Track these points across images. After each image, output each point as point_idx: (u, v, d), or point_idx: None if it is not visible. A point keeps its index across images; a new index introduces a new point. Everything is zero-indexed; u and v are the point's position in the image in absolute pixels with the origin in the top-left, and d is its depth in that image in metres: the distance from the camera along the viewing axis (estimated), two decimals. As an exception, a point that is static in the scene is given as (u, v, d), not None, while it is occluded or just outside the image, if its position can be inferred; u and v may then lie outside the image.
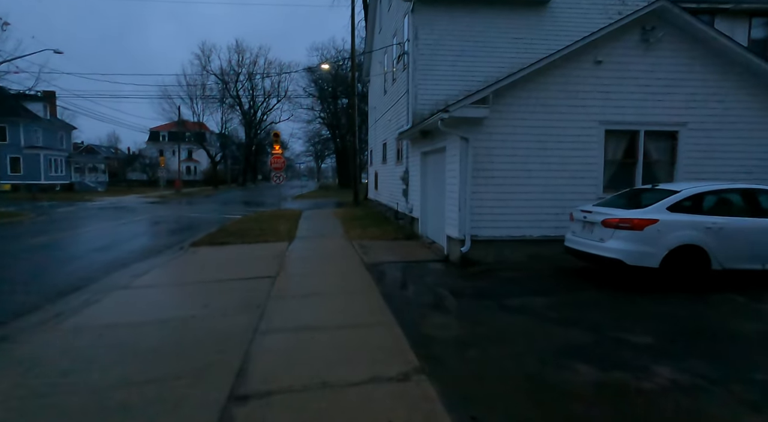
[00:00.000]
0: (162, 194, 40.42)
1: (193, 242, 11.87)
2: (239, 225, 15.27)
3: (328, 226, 15.34)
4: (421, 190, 11.78)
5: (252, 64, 67.62)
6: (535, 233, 8.48)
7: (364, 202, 26.73)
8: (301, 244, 11.39)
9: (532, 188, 8.44)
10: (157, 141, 79.12)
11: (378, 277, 7.56)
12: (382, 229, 13.63)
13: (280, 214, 19.40)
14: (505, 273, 7.79)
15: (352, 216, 18.00)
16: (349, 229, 14.01)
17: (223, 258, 9.73)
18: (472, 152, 8.15)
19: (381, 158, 19.17)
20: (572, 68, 8.38)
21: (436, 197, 10.66)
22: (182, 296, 6.75)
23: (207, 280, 7.68)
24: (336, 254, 9.93)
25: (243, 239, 12.12)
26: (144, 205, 28.78)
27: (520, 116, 8.36)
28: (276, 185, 22.64)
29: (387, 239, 11.89)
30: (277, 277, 7.70)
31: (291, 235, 12.92)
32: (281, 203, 28.24)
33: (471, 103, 7.87)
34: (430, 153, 11.02)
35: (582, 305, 5.90)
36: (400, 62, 13.75)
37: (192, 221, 18.76)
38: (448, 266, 8.44)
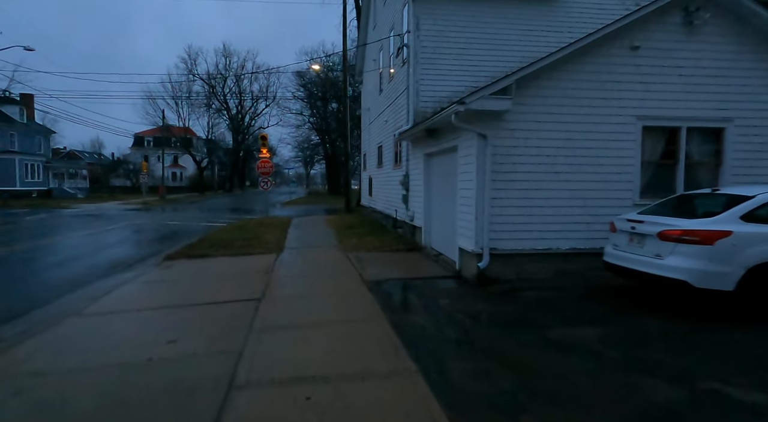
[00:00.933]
0: (144, 200, 38.72)
1: (168, 255, 10.53)
2: (223, 234, 13.93)
3: (320, 235, 14.07)
4: (424, 196, 10.59)
5: (240, 68, 66.24)
6: (562, 245, 7.33)
7: (356, 209, 25.48)
8: (290, 257, 10.10)
9: (560, 194, 7.29)
10: (142, 146, 77.15)
11: (383, 300, 6.32)
12: (379, 239, 12.40)
13: (268, 222, 18.08)
14: (533, 294, 6.60)
15: (346, 224, 16.75)
16: (344, 238, 12.76)
17: (200, 275, 8.42)
18: (490, 152, 6.99)
19: (376, 161, 17.97)
20: (605, 55, 7.28)
21: (443, 204, 9.48)
22: (144, 327, 5.44)
23: (178, 304, 6.38)
24: (331, 269, 8.67)
25: (226, 250, 10.80)
26: (123, 212, 27.20)
27: (545, 110, 7.22)
28: (264, 191, 21.32)
29: (386, 251, 10.66)
30: (263, 300, 6.43)
31: (279, 245, 11.63)
32: (269, 210, 26.86)
33: (490, 94, 6.72)
34: (436, 154, 9.85)
35: (646, 340, 4.72)
36: (399, 56, 12.61)
37: (172, 230, 17.35)
38: (462, 285, 7.24)
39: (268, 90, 64.11)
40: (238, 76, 64.47)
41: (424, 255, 10.04)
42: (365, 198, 21.89)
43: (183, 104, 59.85)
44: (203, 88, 62.48)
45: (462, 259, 7.80)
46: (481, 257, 7.10)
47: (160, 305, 6.32)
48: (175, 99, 59.13)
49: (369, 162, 20.11)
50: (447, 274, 8.03)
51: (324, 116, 53.06)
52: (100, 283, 8.09)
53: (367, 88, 20.65)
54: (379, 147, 17.13)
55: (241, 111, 67.57)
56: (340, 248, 11.19)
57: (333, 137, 53.34)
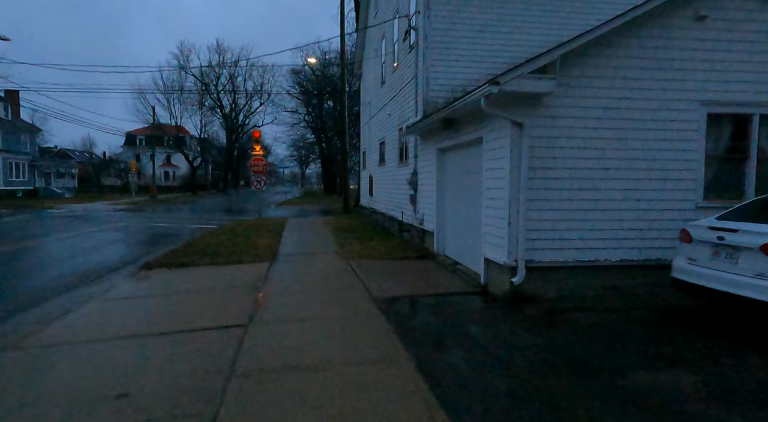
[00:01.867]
0: (134, 201, 37.29)
1: (146, 263, 9.24)
2: (211, 239, 12.64)
3: (317, 239, 12.80)
4: (437, 196, 9.35)
5: (234, 65, 64.72)
6: (612, 256, 6.10)
7: (355, 209, 24.21)
8: (284, 266, 8.83)
9: (609, 194, 6.07)
10: (134, 145, 75.51)
11: (400, 326, 5.08)
12: (384, 244, 11.15)
13: (261, 224, 16.79)
14: (582, 317, 5.37)
15: (345, 227, 15.49)
16: (344, 243, 11.51)
17: (179, 290, 7.14)
18: (527, 144, 5.75)
19: (377, 159, 16.72)
20: (663, 27, 6.06)
21: (461, 206, 8.25)
22: (92, 369, 4.16)
23: (144, 332, 5.10)
24: (332, 283, 7.41)
25: (212, 258, 9.52)
26: (109, 213, 25.80)
27: (592, 93, 5.99)
28: (257, 190, 20.03)
29: (393, 258, 9.41)
30: (250, 326, 5.17)
31: (273, 252, 10.36)
32: (263, 211, 25.52)
33: (530, 73, 5.48)
34: (452, 149, 8.61)
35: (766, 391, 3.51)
36: (406, 41, 11.36)
37: (157, 233, 16.02)
38: (492, 304, 6.00)
39: (262, 87, 62.68)
40: (232, 74, 63.05)
41: (437, 264, 8.80)
42: (365, 198, 20.63)
43: (175, 102, 58.29)
44: (196, 85, 60.96)
45: (489, 272, 6.56)
46: (515, 270, 5.86)
47: (122, 334, 5.04)
48: (166, 96, 57.59)
49: (369, 160, 18.85)
50: (470, 289, 6.79)
51: (320, 114, 51.73)
52: (60, 300, 6.81)
53: (367, 81, 19.40)
54: (381, 143, 15.88)
55: (235, 109, 66.10)
56: (341, 255, 9.93)
57: (329, 136, 52.01)
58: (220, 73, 62.62)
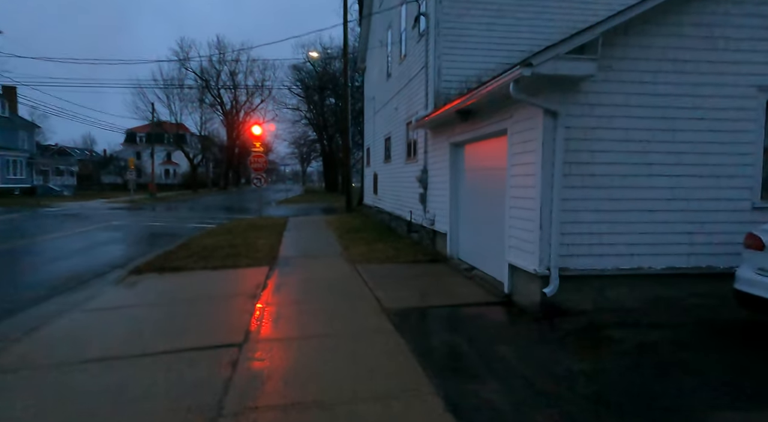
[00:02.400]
0: (132, 199, 36.61)
1: (136, 268, 8.54)
2: (208, 239, 11.94)
3: (320, 240, 12.08)
4: (450, 195, 8.62)
5: (234, 61, 63.92)
6: (656, 263, 5.37)
7: (358, 208, 23.49)
8: (285, 271, 8.10)
9: (653, 193, 5.33)
10: (134, 143, 74.86)
11: (418, 347, 4.35)
12: (392, 246, 10.43)
13: (261, 223, 16.08)
14: (629, 336, 4.64)
15: (349, 226, 14.77)
16: (349, 245, 10.79)
17: (167, 299, 6.43)
18: (562, 135, 5.02)
19: (383, 156, 15.98)
20: (719, 1, 5.32)
21: (478, 206, 7.52)
22: (49, 405, 3.45)
23: (121, 353, 4.38)
24: (338, 291, 6.69)
25: (207, 261, 8.82)
26: (106, 212, 25.12)
27: (636, 78, 5.25)
28: (257, 188, 19.34)
29: (403, 262, 8.70)
30: (245, 346, 4.45)
31: (273, 254, 9.65)
32: (264, 209, 24.80)
33: (567, 53, 4.74)
34: (468, 143, 7.88)
35: None
36: (415, 29, 10.61)
37: (153, 233, 15.33)
38: (521, 318, 5.28)
39: (263, 84, 61.87)
40: (232, 70, 62.27)
41: (451, 269, 8.08)
42: (369, 197, 19.90)
43: (174, 98, 57.55)
44: (196, 82, 60.17)
45: (515, 280, 5.84)
46: (547, 280, 5.14)
47: (96, 356, 4.32)
48: (166, 92, 56.86)
49: (374, 157, 18.12)
50: (492, 299, 6.06)
51: (321, 111, 50.93)
52: (34, 311, 6.11)
53: (372, 75, 18.65)
54: (387, 139, 15.14)
55: (236, 106, 65.33)
56: (346, 258, 9.21)
57: (331, 133, 51.24)
58: (220, 69, 61.89)
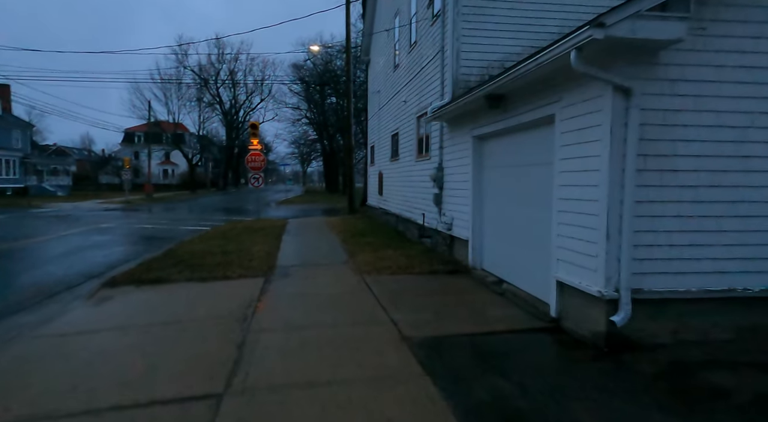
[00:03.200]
0: (128, 199, 35.50)
1: (111, 279, 7.44)
2: (199, 244, 10.84)
3: (322, 245, 10.97)
4: (472, 195, 7.52)
5: (233, 60, 62.83)
6: (754, 283, 4.25)
7: (361, 209, 22.38)
8: (283, 285, 6.99)
9: (751, 193, 4.21)
10: (132, 143, 73.82)
11: (461, 405, 3.24)
12: (402, 252, 9.31)
13: (258, 225, 14.96)
14: (731, 381, 3.52)
15: (353, 229, 13.65)
16: (355, 252, 9.67)
17: (138, 321, 5.30)
18: (637, 119, 3.90)
19: (389, 154, 14.87)
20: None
21: (511, 208, 6.41)
22: None
23: (52, 411, 3.27)
24: (346, 312, 5.57)
25: (193, 272, 7.72)
26: (98, 213, 24.02)
27: (732, 46, 4.12)
28: (255, 188, 18.22)
29: (419, 273, 7.59)
30: (225, 399, 3.34)
31: (269, 262, 8.55)
32: (262, 211, 23.71)
33: (648, 10, 3.63)
34: (497, 135, 6.77)
35: None
36: (429, 10, 9.51)
37: (142, 236, 14.22)
38: (581, 353, 4.16)
39: (263, 83, 60.80)
40: (231, 69, 61.18)
41: (476, 282, 6.97)
42: (373, 197, 18.79)
43: (172, 97, 56.50)
44: (194, 80, 59.07)
45: (566, 301, 4.73)
46: (615, 304, 4.03)
47: (25, 413, 3.22)
48: (164, 91, 55.83)
49: (379, 155, 17.00)
50: (536, 324, 4.95)
51: (322, 110, 49.82)
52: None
53: (376, 68, 17.55)
54: (394, 135, 14.03)
55: (235, 105, 64.22)
56: (352, 268, 8.10)
57: (331, 132, 50.12)
58: (219, 68, 60.81)
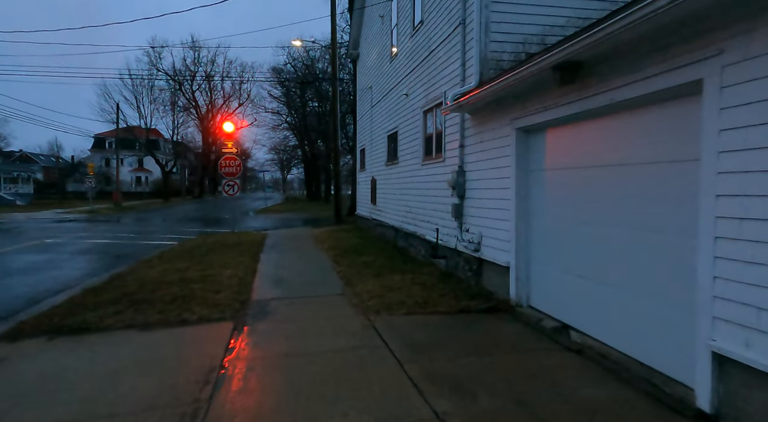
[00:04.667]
0: (92, 208, 32.72)
1: (18, 326, 5.31)
2: (157, 267, 8.72)
3: (310, 267, 8.93)
4: (516, 207, 5.65)
5: (210, 63, 60.29)
6: None
7: (349, 219, 20.38)
8: (261, 334, 4.94)
9: None
10: (103, 149, 70.38)
11: None
12: (413, 278, 7.37)
13: (233, 240, 12.82)
14: None
15: (345, 244, 11.65)
16: (353, 276, 7.70)
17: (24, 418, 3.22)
18: None
19: (384, 157, 12.95)
20: None
21: (584, 227, 4.53)
22: None
23: None
24: (358, 393, 3.58)
25: (137, 312, 5.64)
26: (52, 224, 21.42)
27: None
28: (229, 197, 16.08)
29: (445, 312, 5.66)
30: None
31: (242, 294, 6.52)
32: (239, 222, 21.45)
33: None
34: (561, 125, 4.91)
35: None
36: (445, -24, 7.68)
37: (92, 254, 11.94)
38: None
39: (241, 87, 58.38)
40: (208, 72, 58.56)
41: (529, 328, 5.07)
42: (364, 206, 16.81)
43: (144, 100, 53.67)
44: (168, 83, 56.28)
45: (730, 386, 2.85)
46: None
47: None
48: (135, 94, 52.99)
49: (371, 159, 15.06)
50: (665, 413, 3.07)
51: (303, 114, 47.69)
52: None
53: (367, 61, 15.67)
54: (391, 136, 12.14)
55: (212, 110, 61.50)
56: (352, 303, 6.12)
57: (313, 138, 47.97)
58: (195, 70, 58.15)
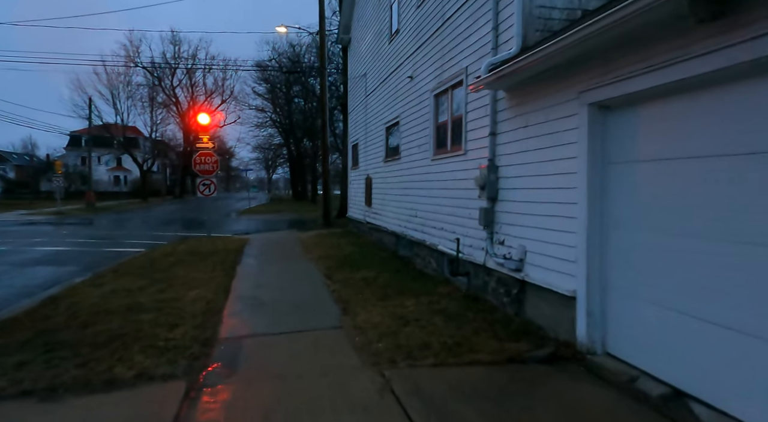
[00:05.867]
0: (60, 210, 30.44)
1: None
2: (104, 286, 6.96)
3: (297, 287, 7.22)
4: (587, 214, 4.04)
5: (192, 58, 57.81)
6: None
7: (339, 221, 18.69)
8: (225, 404, 3.24)
9: None
10: (79, 147, 67.29)
11: None
12: (429, 302, 5.72)
13: (207, 248, 11.02)
14: None
15: (338, 254, 9.95)
16: (352, 298, 6.02)
17: None
18: None
19: (382, 151, 11.29)
20: None
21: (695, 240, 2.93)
22: None
23: None
24: None
25: (49, 364, 3.93)
26: (6, 228, 19.25)
27: None
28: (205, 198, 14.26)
29: (487, 362, 4.02)
30: None
31: (206, 330, 4.81)
32: (221, 224, 19.57)
33: None
34: (681, 92, 3.31)
35: None
36: None
37: (39, 265, 10.02)
38: None
39: (224, 83, 56.13)
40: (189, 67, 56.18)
41: (616, 390, 3.45)
42: (356, 208, 15.11)
43: (120, 96, 51.17)
44: (146, 78, 53.80)
45: None
46: None
47: None
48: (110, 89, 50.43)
49: (366, 155, 13.38)
50: None
51: (288, 112, 45.80)
52: None
53: (362, 45, 13.98)
54: (391, 127, 10.49)
55: (194, 107, 59.09)
56: (355, 344, 4.44)
57: (299, 136, 46.08)
58: (176, 66, 55.72)
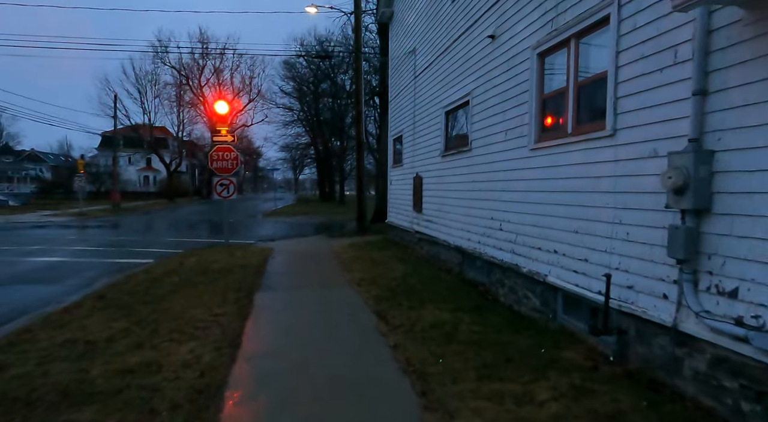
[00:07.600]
0: (82, 211, 29.17)
1: None
2: (63, 331, 4.76)
3: (340, 337, 4.80)
4: None
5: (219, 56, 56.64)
6: None
7: (375, 227, 16.28)
8: None
9: None
10: (110, 147, 67.40)
11: None
12: (575, 394, 3.24)
13: (220, 264, 8.80)
14: None
15: (386, 276, 7.55)
16: (428, 371, 3.59)
17: None
18: None
19: (441, 143, 8.83)
20: None
21: None
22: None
23: None
24: None
25: None
26: (17, 231, 17.71)
27: None
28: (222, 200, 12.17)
29: None
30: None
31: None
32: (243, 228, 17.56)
33: None
34: None
35: None
36: None
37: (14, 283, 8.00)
38: None
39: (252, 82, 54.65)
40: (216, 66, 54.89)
41: None
42: (400, 213, 12.66)
43: (148, 94, 50.38)
44: (174, 78, 52.85)
45: None
46: None
47: None
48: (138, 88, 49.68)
49: (414, 149, 10.94)
50: None
51: (316, 110, 43.87)
52: None
53: (410, 16, 11.55)
54: (454, 110, 8.04)
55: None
56: None
57: (326, 135, 44.10)
58: (203, 64, 54.56)
